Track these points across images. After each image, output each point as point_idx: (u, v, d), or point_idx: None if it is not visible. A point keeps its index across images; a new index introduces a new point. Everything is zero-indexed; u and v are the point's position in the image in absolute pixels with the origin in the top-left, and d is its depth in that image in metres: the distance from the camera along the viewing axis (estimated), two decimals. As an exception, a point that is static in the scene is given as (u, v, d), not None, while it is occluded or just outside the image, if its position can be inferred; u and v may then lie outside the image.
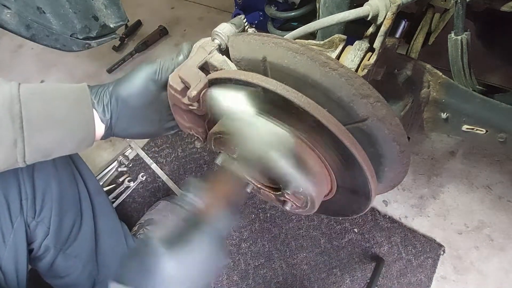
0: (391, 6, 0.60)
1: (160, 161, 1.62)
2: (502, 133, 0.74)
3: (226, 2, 2.15)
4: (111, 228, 1.12)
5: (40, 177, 0.87)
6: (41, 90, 0.64)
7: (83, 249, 1.01)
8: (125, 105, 0.70)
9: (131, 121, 0.73)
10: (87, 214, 1.02)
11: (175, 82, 0.66)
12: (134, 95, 0.70)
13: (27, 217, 0.86)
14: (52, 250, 0.93)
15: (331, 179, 0.71)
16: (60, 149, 0.67)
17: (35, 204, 0.86)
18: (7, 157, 0.60)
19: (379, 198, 1.40)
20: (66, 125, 0.65)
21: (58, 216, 0.91)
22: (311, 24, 0.65)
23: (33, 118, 0.61)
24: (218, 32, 0.69)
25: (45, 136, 0.63)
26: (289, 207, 0.78)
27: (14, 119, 0.58)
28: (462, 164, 1.44)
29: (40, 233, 0.89)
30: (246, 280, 1.28)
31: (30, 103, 0.61)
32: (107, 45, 1.92)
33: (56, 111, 0.64)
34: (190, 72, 0.65)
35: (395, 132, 0.59)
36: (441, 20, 0.87)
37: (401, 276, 1.24)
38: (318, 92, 0.59)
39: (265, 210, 1.41)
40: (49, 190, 0.89)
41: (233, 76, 0.62)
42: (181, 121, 0.77)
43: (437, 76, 0.75)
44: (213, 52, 0.68)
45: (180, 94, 0.66)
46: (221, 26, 0.70)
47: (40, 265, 0.95)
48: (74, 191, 0.98)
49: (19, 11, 0.81)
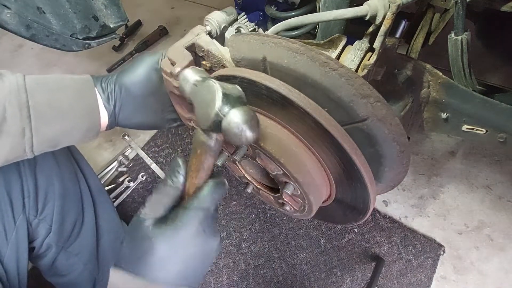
0: (390, 6, 0.60)
1: (160, 161, 1.62)
2: (502, 133, 0.74)
3: (226, 2, 2.15)
4: (112, 226, 1.12)
5: (42, 175, 0.87)
6: (46, 81, 0.65)
7: (85, 248, 1.01)
8: (128, 93, 0.71)
9: (134, 110, 0.74)
10: (89, 213, 1.02)
11: (166, 65, 0.68)
12: (137, 83, 0.71)
13: (29, 215, 0.86)
14: (54, 248, 0.93)
15: (330, 183, 0.71)
16: (67, 138, 0.67)
17: (37, 202, 0.87)
18: (15, 147, 0.60)
19: (379, 198, 1.40)
20: (72, 114, 0.66)
21: (60, 214, 0.91)
22: (309, 15, 0.65)
23: (40, 107, 0.61)
24: (209, 18, 0.71)
25: (52, 125, 0.63)
26: (288, 209, 0.79)
27: (21, 109, 0.59)
28: (462, 164, 1.44)
29: (42, 231, 0.90)
30: (246, 280, 1.28)
31: (36, 93, 0.62)
32: (107, 45, 1.92)
33: (61, 100, 0.65)
34: (176, 52, 0.67)
35: (395, 132, 0.59)
36: (441, 20, 0.87)
37: (401, 276, 1.23)
38: (318, 92, 0.59)
39: (265, 210, 1.42)
40: (52, 188, 0.89)
41: (237, 74, 0.62)
42: (180, 112, 0.79)
43: (437, 76, 0.75)
44: (201, 34, 0.69)
45: (170, 76, 0.68)
46: (213, 13, 0.71)
47: (42, 263, 0.95)
48: (76, 189, 0.98)
49: (19, 11, 0.81)
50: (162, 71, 0.70)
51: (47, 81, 0.65)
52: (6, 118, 0.58)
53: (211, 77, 0.57)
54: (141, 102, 0.74)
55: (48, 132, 0.63)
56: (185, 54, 0.67)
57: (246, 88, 0.64)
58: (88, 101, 0.68)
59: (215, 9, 2.55)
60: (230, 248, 1.34)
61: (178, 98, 0.75)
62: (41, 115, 0.61)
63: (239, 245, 1.35)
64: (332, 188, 0.72)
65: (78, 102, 0.67)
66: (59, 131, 0.65)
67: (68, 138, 0.68)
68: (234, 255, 1.33)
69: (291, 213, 0.80)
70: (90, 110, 0.69)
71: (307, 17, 0.65)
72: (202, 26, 0.72)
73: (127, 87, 0.71)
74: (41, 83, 0.64)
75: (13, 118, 0.59)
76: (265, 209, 1.42)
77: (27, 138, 0.61)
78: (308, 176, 0.66)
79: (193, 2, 2.39)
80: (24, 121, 0.60)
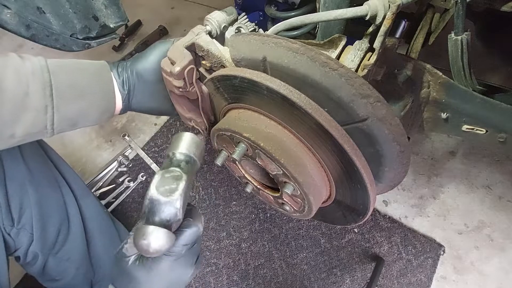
0: (390, 6, 0.60)
1: (160, 161, 1.62)
2: (502, 133, 0.74)
3: (226, 2, 2.14)
4: (102, 229, 1.12)
5: (13, 184, 0.87)
6: (66, 63, 0.68)
7: (75, 252, 1.01)
8: (141, 79, 0.75)
9: (146, 95, 0.77)
10: (75, 217, 1.02)
11: (166, 64, 0.69)
12: (149, 70, 0.74)
13: (5, 226, 0.85)
14: (40, 255, 0.93)
15: (330, 183, 0.70)
16: (85, 118, 0.71)
17: (10, 211, 0.86)
18: (37, 121, 0.63)
19: (379, 198, 1.40)
20: (90, 95, 0.69)
21: (40, 221, 0.91)
22: (309, 15, 0.65)
23: (61, 87, 0.65)
24: (209, 18, 0.71)
25: (72, 104, 0.67)
26: (288, 209, 0.79)
27: (45, 87, 0.62)
28: (462, 164, 1.44)
29: (24, 240, 0.89)
30: (246, 280, 1.28)
31: (58, 73, 0.65)
32: (107, 45, 1.92)
33: (81, 82, 0.68)
34: (176, 51, 0.67)
35: (395, 132, 0.59)
36: (441, 20, 0.87)
37: (401, 276, 1.23)
38: (318, 92, 0.59)
39: (265, 210, 1.41)
40: (26, 196, 0.89)
41: (238, 73, 0.62)
42: (181, 112, 0.79)
43: (437, 76, 0.75)
44: (201, 34, 0.70)
45: (170, 76, 0.68)
46: (213, 13, 0.72)
47: (33, 270, 0.96)
48: (57, 195, 0.98)
49: (19, 11, 0.81)
50: (162, 70, 0.70)
51: (67, 64, 0.69)
52: (29, 93, 0.61)
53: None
54: (153, 88, 0.77)
55: (68, 111, 0.66)
56: (185, 54, 0.67)
57: (246, 88, 0.64)
58: (106, 84, 0.72)
59: (215, 9, 2.54)
60: (230, 248, 1.34)
61: (178, 97, 0.75)
62: (62, 95, 0.65)
63: (239, 245, 1.35)
64: (332, 189, 0.72)
65: (96, 83, 0.70)
66: (78, 111, 0.68)
67: (85, 118, 0.71)
68: (234, 255, 1.33)
69: (291, 213, 0.80)
70: (107, 92, 0.72)
71: (307, 17, 0.65)
72: (202, 26, 0.72)
73: (139, 73, 0.74)
74: (62, 65, 0.67)
75: (36, 95, 0.61)
76: (265, 209, 1.42)
77: (49, 115, 0.64)
78: (308, 176, 0.66)
79: (193, 2, 2.39)
80: (47, 99, 0.62)
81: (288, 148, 0.65)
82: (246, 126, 0.68)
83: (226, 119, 0.75)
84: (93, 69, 0.72)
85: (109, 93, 0.72)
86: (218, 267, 1.31)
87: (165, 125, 1.72)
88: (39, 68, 0.62)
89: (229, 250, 1.34)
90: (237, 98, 0.71)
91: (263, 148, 0.64)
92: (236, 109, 0.74)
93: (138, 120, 1.78)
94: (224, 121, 0.74)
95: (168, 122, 1.73)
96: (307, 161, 0.66)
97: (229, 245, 1.35)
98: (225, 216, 1.41)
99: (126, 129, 1.75)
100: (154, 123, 1.75)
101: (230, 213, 1.42)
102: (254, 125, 0.68)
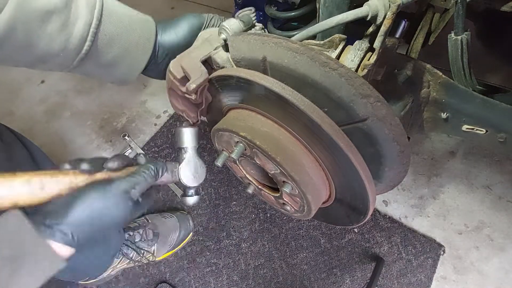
0: (390, 6, 0.60)
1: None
2: (502, 133, 0.74)
3: (226, 2, 2.15)
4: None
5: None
6: (116, 12, 0.69)
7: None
8: (164, 51, 0.73)
9: (165, 67, 0.74)
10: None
11: (176, 70, 0.67)
12: (175, 46, 0.73)
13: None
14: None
15: (329, 182, 0.70)
16: (119, 62, 0.69)
17: None
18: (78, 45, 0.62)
19: (379, 198, 1.40)
20: (131, 47, 0.69)
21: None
22: (311, 28, 0.66)
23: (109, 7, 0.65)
24: (225, 27, 0.69)
25: (114, 25, 0.67)
26: (288, 209, 0.79)
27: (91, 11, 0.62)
28: (462, 164, 1.44)
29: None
30: (246, 280, 1.28)
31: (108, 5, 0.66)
32: (107, 45, 1.91)
33: (130, 20, 0.70)
34: (192, 63, 0.66)
35: (395, 132, 0.59)
36: (441, 20, 0.87)
37: (401, 276, 1.24)
38: (318, 92, 0.59)
39: (265, 210, 1.42)
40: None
41: (234, 73, 0.62)
42: (175, 104, 0.78)
43: (437, 76, 0.75)
44: (219, 49, 0.69)
45: (179, 82, 0.67)
46: (230, 22, 0.70)
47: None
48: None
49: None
50: (169, 73, 0.68)
51: (118, 13, 0.70)
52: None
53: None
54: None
55: (108, 31, 0.66)
56: (202, 71, 0.66)
57: (243, 87, 0.64)
58: (149, 30, 0.71)
59: (215, 9, 2.53)
60: (230, 248, 1.34)
61: (178, 96, 0.75)
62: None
63: (239, 245, 1.35)
64: (332, 188, 0.72)
65: (142, 27, 0.71)
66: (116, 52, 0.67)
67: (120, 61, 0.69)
68: (234, 255, 1.33)
69: (292, 213, 0.80)
70: (148, 37, 0.71)
71: (309, 30, 0.66)
72: (216, 33, 0.70)
73: (164, 46, 0.72)
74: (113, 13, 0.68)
75: (83, 9, 0.61)
76: (265, 209, 1.42)
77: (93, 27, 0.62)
78: (305, 175, 0.66)
79: (193, 2, 2.39)
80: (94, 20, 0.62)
81: (284, 147, 0.65)
82: (243, 125, 0.68)
83: (225, 119, 0.75)
84: (142, 16, 0.73)
85: (149, 40, 0.71)
86: (218, 267, 1.31)
87: (165, 125, 1.72)
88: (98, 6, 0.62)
89: (229, 250, 1.34)
90: (236, 98, 0.71)
91: (259, 147, 0.64)
92: (235, 109, 0.74)
93: (138, 120, 1.78)
94: (223, 121, 0.75)
95: (168, 122, 1.73)
96: (305, 159, 0.66)
97: (229, 245, 1.35)
98: (225, 216, 1.41)
99: (126, 129, 1.75)
100: (154, 123, 1.75)
101: (230, 213, 1.42)
102: (251, 124, 0.68)
